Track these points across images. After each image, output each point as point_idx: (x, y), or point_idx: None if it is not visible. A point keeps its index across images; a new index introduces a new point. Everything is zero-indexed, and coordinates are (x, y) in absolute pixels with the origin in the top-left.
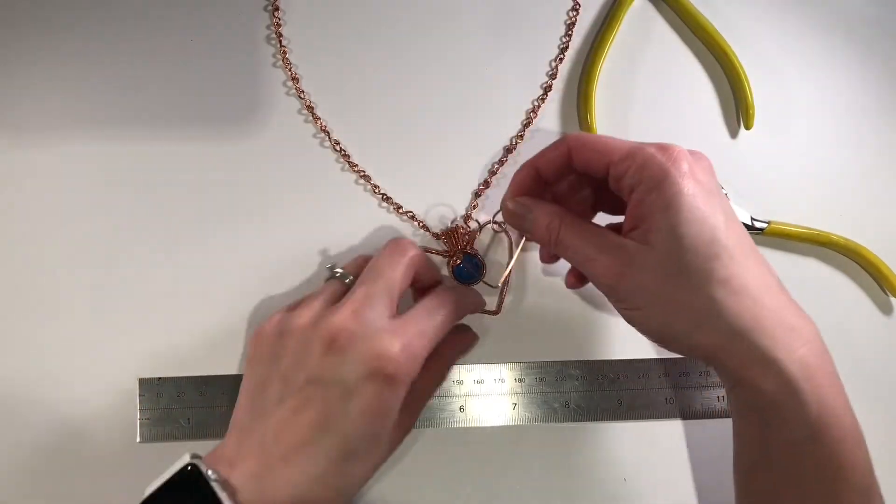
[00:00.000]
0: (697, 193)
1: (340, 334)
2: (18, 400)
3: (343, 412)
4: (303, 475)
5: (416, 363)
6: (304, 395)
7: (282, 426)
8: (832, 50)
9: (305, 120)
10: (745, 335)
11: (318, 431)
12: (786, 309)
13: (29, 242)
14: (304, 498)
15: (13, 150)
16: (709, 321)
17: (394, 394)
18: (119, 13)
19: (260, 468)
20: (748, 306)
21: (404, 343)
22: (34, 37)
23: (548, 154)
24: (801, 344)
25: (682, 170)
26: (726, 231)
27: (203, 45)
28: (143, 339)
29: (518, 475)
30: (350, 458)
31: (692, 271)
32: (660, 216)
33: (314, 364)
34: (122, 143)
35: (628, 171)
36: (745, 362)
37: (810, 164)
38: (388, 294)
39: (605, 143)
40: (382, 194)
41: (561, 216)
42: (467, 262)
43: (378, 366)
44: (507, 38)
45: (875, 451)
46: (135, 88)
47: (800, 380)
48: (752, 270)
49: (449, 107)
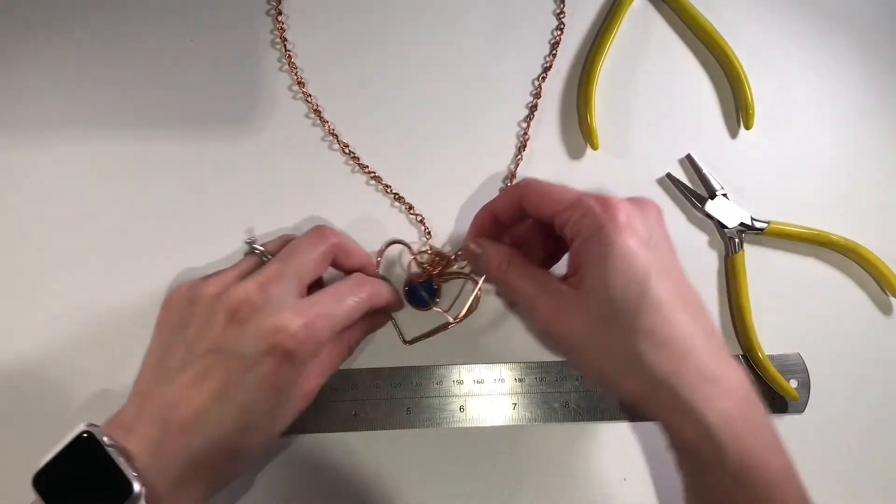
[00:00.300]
0: (630, 246)
1: (243, 306)
2: (19, 400)
3: (242, 383)
4: (200, 441)
5: (316, 343)
6: (205, 363)
7: (182, 393)
8: (832, 50)
9: (313, 123)
10: (667, 385)
11: (217, 400)
12: (712, 360)
13: (28, 242)
14: (201, 463)
15: (13, 150)
16: (633, 370)
17: (292, 370)
18: (122, 16)
19: (158, 434)
20: (670, 358)
21: (306, 322)
22: (39, 37)
23: (503, 199)
24: (721, 395)
25: (618, 222)
26: (656, 284)
27: (206, 49)
28: (143, 338)
29: (518, 475)
30: (248, 428)
31: (619, 322)
32: (593, 266)
33: (216, 334)
34: (123, 143)
35: (569, 220)
36: (667, 410)
37: (810, 165)
38: (298, 275)
39: (552, 192)
40: (395, 194)
41: (510, 258)
42: (423, 287)
43: (277, 341)
44: (509, 37)
45: (876, 451)
46: (140, 92)
47: (719, 429)
48: (678, 323)
49: (455, 106)
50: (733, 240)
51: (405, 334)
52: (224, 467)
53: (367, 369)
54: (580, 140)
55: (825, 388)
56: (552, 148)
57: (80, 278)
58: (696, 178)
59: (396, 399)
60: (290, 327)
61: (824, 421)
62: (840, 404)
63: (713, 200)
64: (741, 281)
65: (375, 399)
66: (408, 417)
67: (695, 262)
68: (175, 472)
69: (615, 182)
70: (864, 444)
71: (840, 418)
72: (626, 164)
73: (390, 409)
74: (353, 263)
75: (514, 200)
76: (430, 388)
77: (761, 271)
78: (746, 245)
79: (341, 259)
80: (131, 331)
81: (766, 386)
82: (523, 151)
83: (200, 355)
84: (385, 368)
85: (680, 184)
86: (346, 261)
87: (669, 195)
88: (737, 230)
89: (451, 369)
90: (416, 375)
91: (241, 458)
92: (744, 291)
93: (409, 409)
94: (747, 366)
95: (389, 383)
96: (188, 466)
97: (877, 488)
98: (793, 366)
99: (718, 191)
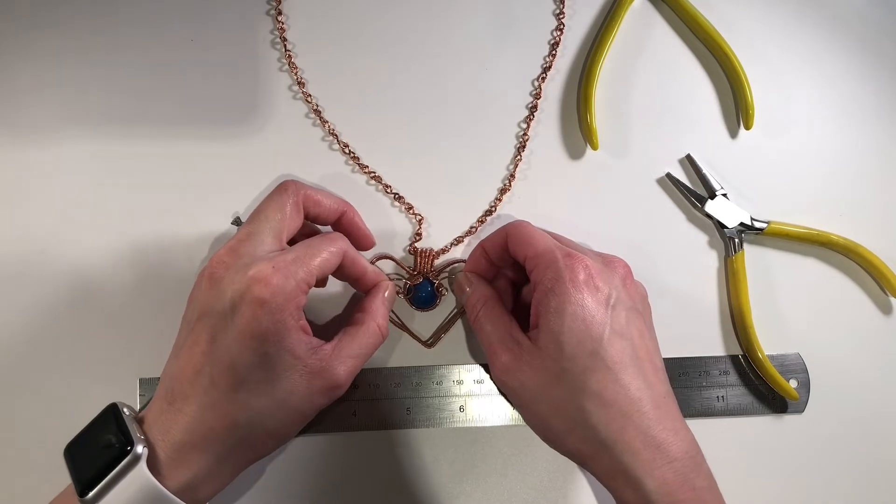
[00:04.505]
0: (587, 305)
1: (217, 267)
2: (18, 400)
3: (225, 338)
4: (196, 404)
5: (290, 285)
6: (196, 330)
7: (182, 363)
8: (832, 50)
9: (313, 123)
10: (610, 448)
11: (208, 360)
12: (658, 425)
13: (28, 242)
14: (195, 429)
15: (13, 150)
16: (578, 429)
17: (269, 315)
18: (122, 17)
19: (165, 404)
20: (615, 420)
21: (277, 266)
22: (39, 37)
23: (493, 238)
24: (664, 462)
25: (577, 279)
26: (609, 345)
27: (206, 49)
28: (143, 339)
29: (518, 475)
30: (241, 386)
31: (569, 379)
32: (549, 320)
33: (202, 301)
34: (123, 143)
35: (535, 269)
36: (609, 473)
37: (810, 164)
38: (270, 230)
39: (532, 237)
40: (395, 194)
41: (484, 301)
42: (422, 287)
43: (250, 287)
44: (509, 37)
45: (876, 451)
46: (140, 92)
47: (658, 496)
48: (628, 386)
49: (455, 107)
50: (733, 240)
51: (421, 336)
52: (227, 437)
53: (368, 369)
54: (580, 140)
55: (825, 388)
56: (552, 148)
57: (80, 278)
58: (695, 178)
59: (396, 399)
60: (262, 273)
61: (824, 421)
62: (840, 404)
63: (713, 200)
64: (741, 281)
65: (375, 399)
66: (408, 417)
67: (695, 262)
68: (176, 440)
69: (615, 182)
70: (864, 444)
71: (840, 418)
72: (626, 164)
73: (390, 409)
74: (326, 210)
75: (500, 240)
76: (430, 388)
77: (761, 271)
78: (746, 245)
79: (312, 208)
80: (131, 331)
81: (766, 386)
82: (523, 151)
83: (193, 325)
84: (385, 368)
85: (680, 184)
86: (317, 209)
87: (669, 195)
88: (737, 230)
89: (451, 369)
90: (416, 375)
91: (240, 425)
92: (744, 291)
93: (409, 409)
94: (747, 366)
95: (389, 383)
96: (187, 433)
97: (877, 488)
98: (793, 366)
99: (718, 191)
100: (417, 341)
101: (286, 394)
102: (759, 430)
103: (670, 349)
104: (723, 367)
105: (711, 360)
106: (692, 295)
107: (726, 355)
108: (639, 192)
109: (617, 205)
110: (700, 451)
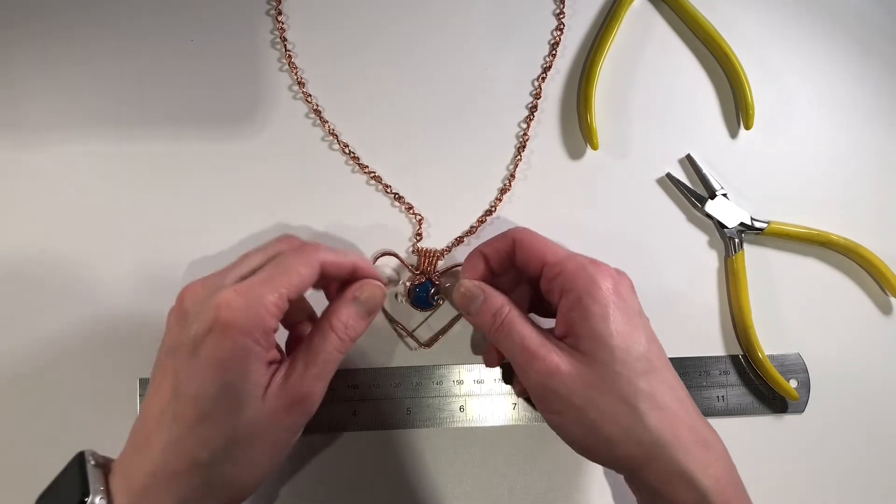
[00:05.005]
0: (625, 310)
1: (186, 298)
2: (18, 401)
3: (190, 371)
4: (159, 445)
5: (255, 308)
6: (163, 368)
7: (148, 404)
8: (832, 50)
9: (313, 123)
10: (665, 449)
11: (172, 397)
12: (699, 424)
13: (28, 242)
14: (157, 472)
15: (13, 150)
16: (632, 433)
17: (233, 342)
18: (122, 17)
19: (130, 450)
20: (668, 421)
21: (239, 290)
22: (39, 37)
23: (495, 244)
24: (715, 460)
25: (609, 286)
26: (651, 347)
27: (206, 49)
28: (143, 339)
29: (518, 475)
30: (204, 419)
31: (622, 383)
32: (593, 325)
33: (170, 337)
34: (123, 143)
35: (559, 275)
36: (664, 476)
37: (810, 164)
38: (238, 267)
39: (545, 244)
40: (395, 194)
41: (510, 307)
42: (422, 288)
43: (215, 316)
44: (509, 37)
45: (876, 451)
46: (140, 92)
47: (713, 494)
48: (675, 386)
49: (455, 107)
50: (733, 240)
51: (419, 337)
52: (190, 478)
53: (368, 369)
54: (580, 140)
55: (825, 388)
56: (552, 148)
57: (80, 278)
58: (695, 178)
59: (396, 399)
60: (225, 299)
61: (824, 421)
62: (840, 404)
63: (713, 200)
64: (741, 281)
65: (375, 399)
66: (408, 417)
67: (695, 262)
68: (138, 486)
69: (615, 182)
70: (864, 444)
71: (840, 418)
72: (626, 164)
73: (390, 409)
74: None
75: (507, 245)
76: (430, 388)
77: (761, 271)
78: (746, 245)
79: (287, 246)
80: (131, 331)
81: (766, 386)
82: (523, 151)
83: (161, 363)
84: (385, 368)
85: (680, 184)
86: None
87: (669, 195)
88: (737, 230)
89: (451, 369)
90: (415, 375)
91: (200, 464)
92: (744, 291)
93: (409, 409)
94: (747, 366)
95: (389, 383)
96: (149, 477)
97: (877, 488)
98: (793, 366)
99: (718, 191)
100: (416, 342)
101: (250, 425)
102: (759, 430)
103: (670, 349)
104: (723, 367)
105: (711, 360)
106: (692, 295)
107: (726, 355)
108: (639, 192)
109: (617, 205)
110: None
